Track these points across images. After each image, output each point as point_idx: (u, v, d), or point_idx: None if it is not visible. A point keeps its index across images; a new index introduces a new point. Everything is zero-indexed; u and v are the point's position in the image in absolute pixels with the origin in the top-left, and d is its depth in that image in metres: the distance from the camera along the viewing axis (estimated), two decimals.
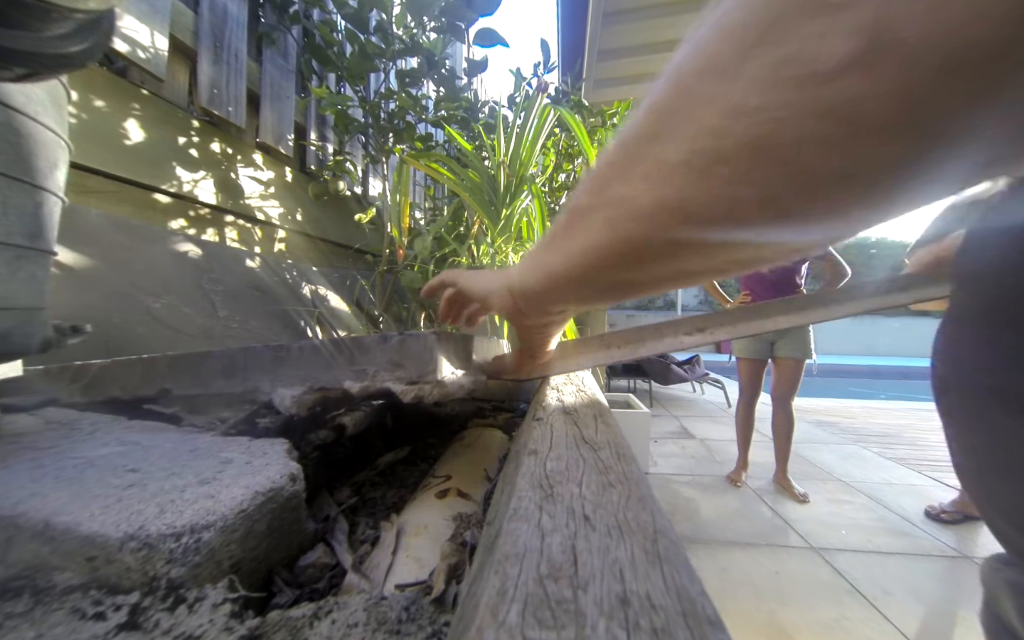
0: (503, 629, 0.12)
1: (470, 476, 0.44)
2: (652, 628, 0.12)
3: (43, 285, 0.48)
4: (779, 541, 2.02)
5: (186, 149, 1.11)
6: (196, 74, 1.16)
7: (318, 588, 0.29)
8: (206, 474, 0.31)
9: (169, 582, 0.23)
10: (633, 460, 0.27)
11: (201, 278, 1.07)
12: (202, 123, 1.16)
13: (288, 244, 1.54)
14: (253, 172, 1.37)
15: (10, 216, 0.42)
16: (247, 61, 1.32)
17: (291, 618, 0.22)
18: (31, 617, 0.21)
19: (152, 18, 1.00)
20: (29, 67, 0.34)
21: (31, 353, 0.48)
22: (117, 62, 0.96)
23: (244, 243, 1.33)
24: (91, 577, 0.23)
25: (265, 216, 1.40)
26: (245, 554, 0.27)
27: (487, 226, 1.21)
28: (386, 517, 0.37)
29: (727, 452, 3.25)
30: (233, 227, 1.28)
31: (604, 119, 1.82)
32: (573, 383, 0.56)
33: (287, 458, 0.35)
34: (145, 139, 0.99)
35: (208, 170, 1.17)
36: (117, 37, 0.91)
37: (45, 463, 0.32)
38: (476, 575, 0.18)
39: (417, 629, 0.22)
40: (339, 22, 1.51)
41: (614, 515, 0.19)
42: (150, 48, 1.00)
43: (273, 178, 1.44)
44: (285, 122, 1.50)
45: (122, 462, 0.33)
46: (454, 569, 0.28)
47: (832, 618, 1.53)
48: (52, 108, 0.46)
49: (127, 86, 0.97)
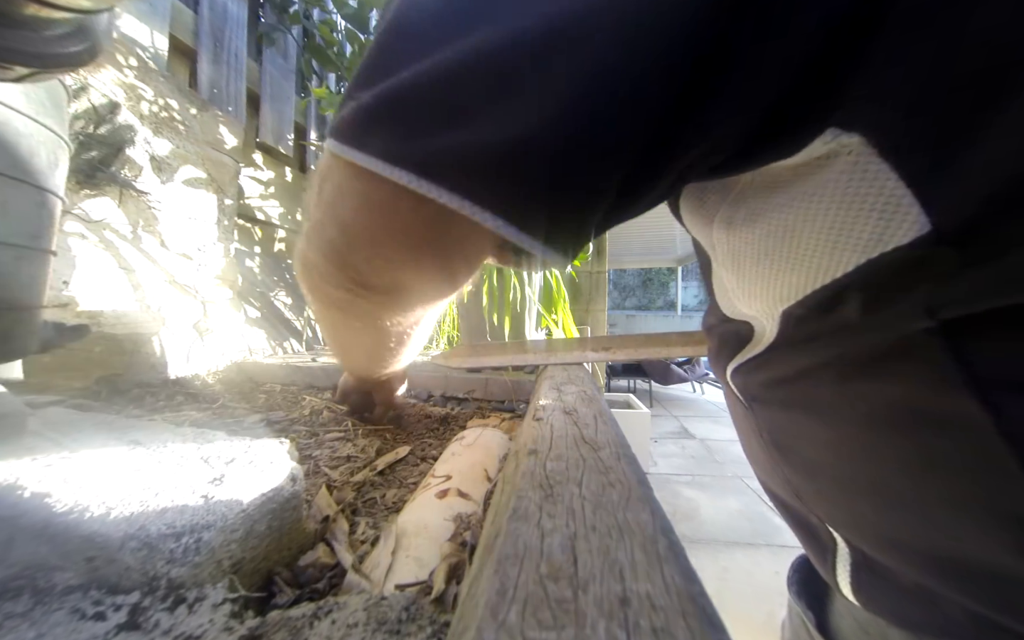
0: (503, 629, 0.12)
1: (470, 476, 0.44)
2: (652, 628, 0.12)
3: (43, 285, 0.48)
4: (779, 541, 2.02)
5: None
6: (196, 74, 1.16)
7: (318, 588, 0.29)
8: (206, 474, 0.31)
9: (169, 582, 0.23)
10: (633, 460, 0.27)
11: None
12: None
13: (288, 244, 1.54)
14: (253, 172, 1.37)
15: (10, 216, 0.42)
16: (247, 61, 1.32)
17: (291, 618, 0.22)
18: (31, 617, 0.21)
19: (152, 18, 1.00)
20: (29, 67, 0.34)
21: (31, 353, 0.48)
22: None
23: (244, 243, 1.33)
24: (91, 577, 0.23)
25: (265, 216, 1.40)
26: (245, 554, 0.27)
27: None
28: (386, 517, 0.37)
29: (727, 452, 3.24)
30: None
31: None
32: (574, 383, 0.56)
33: (287, 458, 0.35)
34: None
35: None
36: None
37: (45, 463, 0.32)
38: (476, 575, 0.18)
39: (417, 629, 0.22)
40: (339, 22, 1.51)
41: (614, 515, 0.19)
42: (150, 48, 1.00)
43: (273, 178, 1.44)
44: (285, 122, 1.50)
45: (123, 462, 0.33)
46: (454, 569, 0.28)
47: None
48: (52, 108, 0.46)
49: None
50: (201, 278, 0.98)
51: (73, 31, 0.36)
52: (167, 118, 0.91)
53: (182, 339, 0.92)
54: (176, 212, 0.91)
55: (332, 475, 0.48)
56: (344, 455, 0.53)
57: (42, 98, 0.44)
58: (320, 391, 0.87)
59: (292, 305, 1.42)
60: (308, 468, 0.49)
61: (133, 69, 0.84)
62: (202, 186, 0.98)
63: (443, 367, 0.81)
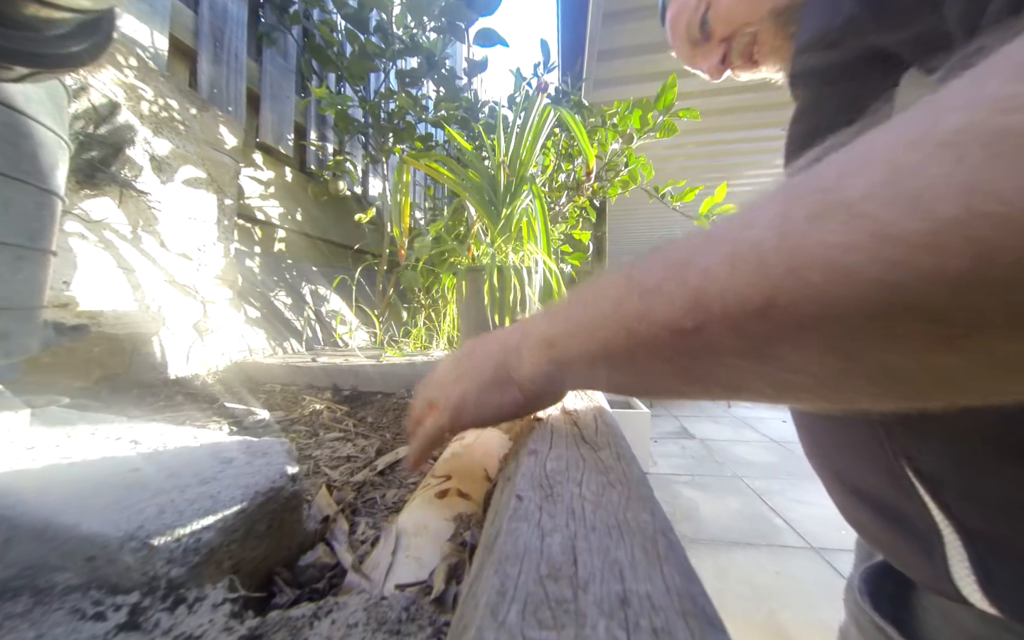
0: (503, 629, 0.12)
1: (470, 476, 0.43)
2: (652, 628, 0.12)
3: (43, 285, 0.48)
4: (779, 541, 2.02)
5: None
6: (196, 74, 1.16)
7: (318, 588, 0.29)
8: (206, 474, 0.31)
9: (169, 582, 0.23)
10: (633, 460, 0.27)
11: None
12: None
13: (288, 244, 1.54)
14: (253, 172, 1.37)
15: (10, 216, 0.42)
16: (247, 61, 1.32)
17: (291, 618, 0.22)
18: (31, 617, 0.21)
19: (152, 18, 1.00)
20: (29, 67, 0.34)
21: (31, 353, 0.48)
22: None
23: (244, 243, 1.33)
24: (91, 577, 0.23)
25: (265, 216, 1.40)
26: (245, 554, 0.27)
27: (487, 226, 1.21)
28: (386, 517, 0.37)
29: (727, 452, 3.24)
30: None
31: (604, 119, 1.82)
32: None
33: (287, 458, 0.35)
34: None
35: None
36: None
37: (45, 463, 0.32)
38: (476, 575, 0.18)
39: (417, 629, 0.22)
40: (339, 22, 1.51)
41: (614, 515, 0.19)
42: (150, 48, 1.00)
43: (273, 178, 1.44)
44: (285, 122, 1.50)
45: (122, 462, 0.33)
46: (454, 569, 0.28)
47: (832, 618, 1.53)
48: (52, 108, 0.46)
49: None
50: (201, 278, 0.98)
51: (73, 31, 0.36)
52: (167, 118, 0.91)
53: (182, 339, 0.92)
54: (176, 212, 0.91)
55: (332, 475, 0.48)
56: (344, 455, 0.53)
57: (42, 98, 0.44)
58: (320, 391, 0.87)
59: (292, 305, 1.42)
60: (308, 468, 0.49)
61: (133, 69, 0.84)
62: (202, 186, 0.98)
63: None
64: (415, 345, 1.38)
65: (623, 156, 1.85)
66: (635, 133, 1.75)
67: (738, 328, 0.17)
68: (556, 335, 0.27)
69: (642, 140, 1.76)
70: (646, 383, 0.24)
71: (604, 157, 1.81)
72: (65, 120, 0.49)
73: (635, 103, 1.70)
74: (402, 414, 0.73)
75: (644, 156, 1.91)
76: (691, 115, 1.72)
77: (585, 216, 2.28)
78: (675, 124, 1.71)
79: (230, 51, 1.25)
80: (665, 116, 1.68)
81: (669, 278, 0.20)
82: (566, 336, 0.26)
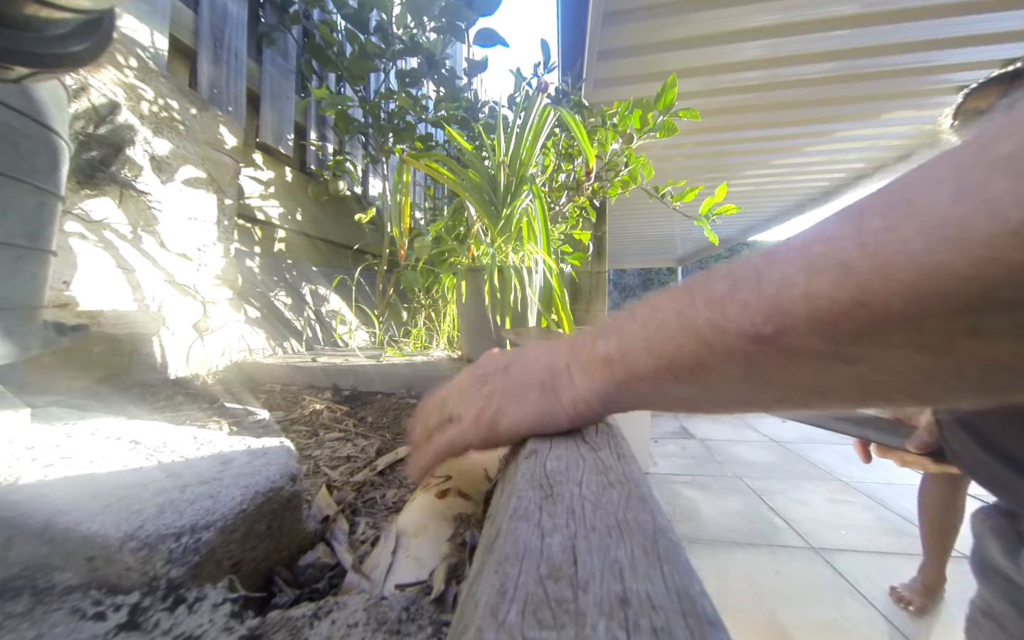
0: (503, 629, 0.12)
1: (470, 476, 0.43)
2: (652, 628, 0.12)
3: (43, 285, 0.48)
4: (779, 541, 2.02)
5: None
6: (196, 74, 1.16)
7: (318, 588, 0.29)
8: (206, 474, 0.31)
9: (169, 582, 0.23)
10: (633, 460, 0.27)
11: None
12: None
13: (288, 244, 1.54)
14: (253, 172, 1.37)
15: (10, 216, 0.42)
16: (247, 61, 1.32)
17: (291, 618, 0.22)
18: (31, 617, 0.21)
19: (152, 18, 1.00)
20: (29, 67, 0.34)
21: (31, 352, 0.48)
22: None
23: (244, 243, 1.33)
24: (91, 577, 0.23)
25: (265, 216, 1.40)
26: (245, 554, 0.27)
27: (487, 226, 1.21)
28: (386, 517, 0.37)
29: (727, 452, 3.24)
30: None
31: (604, 119, 1.82)
32: None
33: (287, 458, 0.35)
34: None
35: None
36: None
37: (45, 463, 0.32)
38: (476, 575, 0.18)
39: (417, 629, 0.22)
40: (339, 22, 1.51)
41: (614, 515, 0.19)
42: (150, 48, 1.00)
43: (273, 178, 1.44)
44: (285, 122, 1.50)
45: (122, 462, 0.33)
46: (454, 569, 0.28)
47: (832, 618, 1.53)
48: (52, 108, 0.46)
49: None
50: (201, 278, 0.98)
51: (73, 31, 0.36)
52: (167, 118, 0.91)
53: (182, 339, 0.92)
54: (176, 212, 0.91)
55: (332, 475, 0.48)
56: (344, 455, 0.53)
57: (42, 98, 0.44)
58: (320, 391, 0.87)
59: (292, 305, 1.42)
60: (308, 468, 0.49)
61: (133, 69, 0.84)
62: (202, 186, 0.98)
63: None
64: (415, 345, 1.38)
65: (623, 156, 1.85)
66: (635, 133, 1.75)
67: (823, 330, 0.17)
68: (613, 353, 0.26)
69: (642, 140, 1.76)
70: (715, 394, 0.23)
71: (604, 157, 1.81)
72: (65, 120, 0.49)
73: (635, 103, 1.70)
74: (402, 414, 0.73)
75: (644, 156, 1.91)
76: (691, 115, 1.72)
77: (585, 216, 2.28)
78: (675, 124, 1.71)
79: (230, 51, 1.25)
80: (665, 116, 1.68)
81: (740, 288, 0.20)
82: (626, 353, 0.25)
